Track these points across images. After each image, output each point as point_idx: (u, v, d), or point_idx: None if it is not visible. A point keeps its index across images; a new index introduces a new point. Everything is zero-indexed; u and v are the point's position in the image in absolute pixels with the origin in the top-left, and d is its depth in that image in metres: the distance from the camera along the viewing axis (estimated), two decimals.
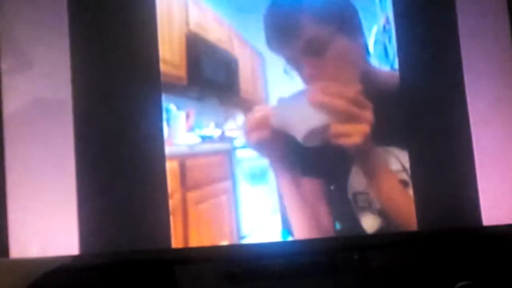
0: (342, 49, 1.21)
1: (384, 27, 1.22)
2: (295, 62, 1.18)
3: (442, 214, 1.18)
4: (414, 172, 1.18)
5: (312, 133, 1.15)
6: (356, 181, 1.18)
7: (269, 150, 1.16)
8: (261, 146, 1.16)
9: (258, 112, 1.17)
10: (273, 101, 1.17)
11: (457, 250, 1.16)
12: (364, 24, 1.21)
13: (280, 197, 1.16)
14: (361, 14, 1.22)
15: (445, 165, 1.20)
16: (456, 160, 1.20)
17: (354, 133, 1.17)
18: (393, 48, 1.22)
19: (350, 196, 1.18)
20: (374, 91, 1.19)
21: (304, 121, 1.15)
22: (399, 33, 1.22)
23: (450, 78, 1.23)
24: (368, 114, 1.18)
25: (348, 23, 1.22)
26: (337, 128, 1.16)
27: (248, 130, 1.16)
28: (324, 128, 1.15)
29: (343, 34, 1.21)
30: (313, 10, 1.20)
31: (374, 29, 1.22)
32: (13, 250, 1.04)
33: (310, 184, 1.17)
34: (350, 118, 1.16)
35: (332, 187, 1.18)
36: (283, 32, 1.19)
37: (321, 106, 1.15)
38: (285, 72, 1.18)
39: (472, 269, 1.13)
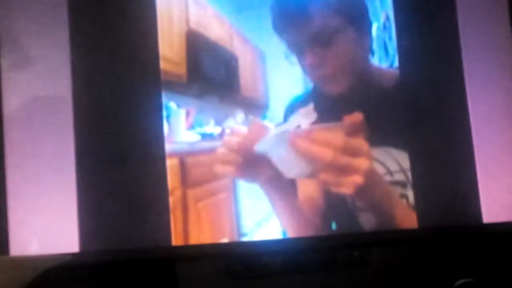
0: (348, 43, 1.18)
1: (384, 24, 1.22)
2: (299, 48, 1.15)
3: (442, 212, 1.18)
4: (414, 169, 1.18)
5: (296, 177, 1.10)
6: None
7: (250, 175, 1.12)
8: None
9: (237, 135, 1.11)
10: (273, 101, 1.16)
11: (457, 248, 1.16)
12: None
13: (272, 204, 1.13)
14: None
15: (445, 162, 1.20)
16: (456, 157, 1.20)
17: (345, 184, 1.07)
18: (393, 46, 1.22)
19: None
20: (373, 89, 1.19)
21: (288, 166, 1.08)
22: (399, 31, 1.22)
23: (450, 76, 1.23)
24: (361, 163, 1.07)
25: (358, 18, 1.19)
26: (325, 177, 1.07)
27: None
28: (311, 175, 1.08)
29: (352, 28, 1.18)
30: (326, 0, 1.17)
31: (375, 27, 1.22)
32: (13, 248, 1.03)
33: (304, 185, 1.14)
34: (338, 169, 1.07)
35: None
36: (292, 18, 1.15)
37: (304, 154, 1.06)
38: (286, 56, 1.15)
39: (472, 267, 1.14)
